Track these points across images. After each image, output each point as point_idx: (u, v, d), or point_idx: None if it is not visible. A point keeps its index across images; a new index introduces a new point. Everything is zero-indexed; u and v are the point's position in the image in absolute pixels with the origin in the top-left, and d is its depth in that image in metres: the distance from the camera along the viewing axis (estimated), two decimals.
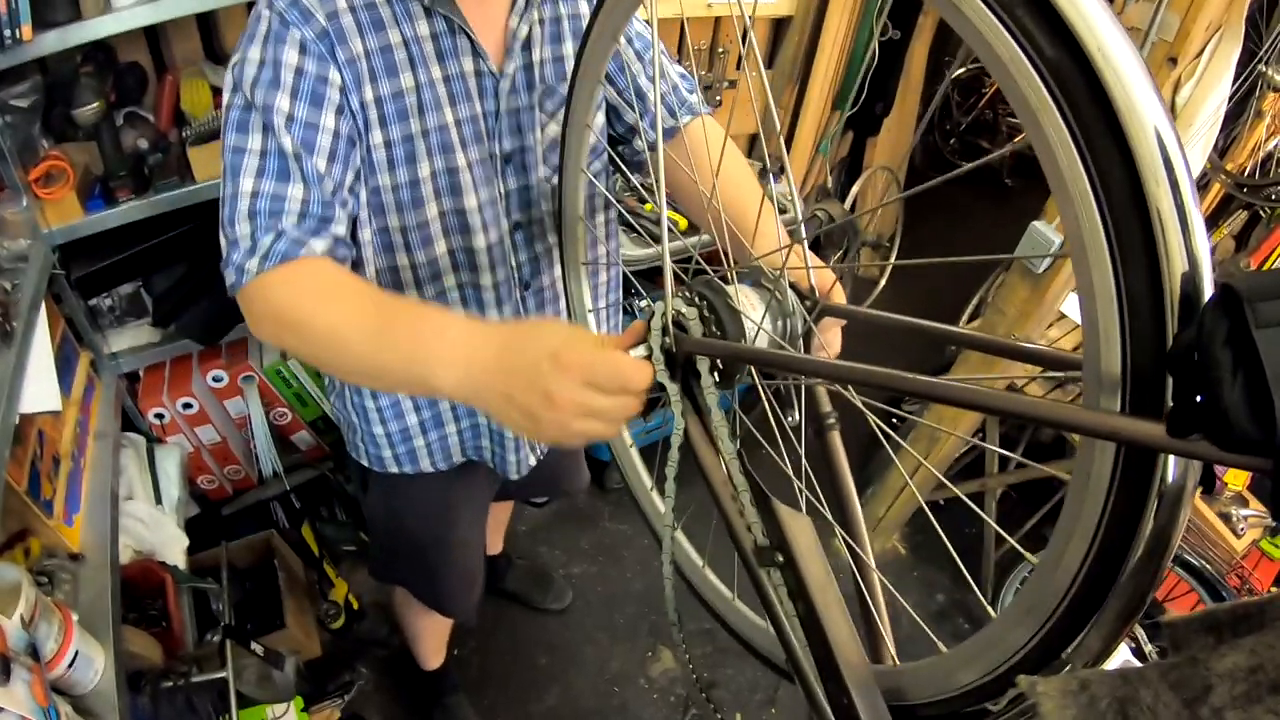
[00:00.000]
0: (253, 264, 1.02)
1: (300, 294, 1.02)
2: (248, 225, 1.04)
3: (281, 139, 1.05)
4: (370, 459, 1.53)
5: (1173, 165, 0.52)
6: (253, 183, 1.05)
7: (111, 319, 2.13)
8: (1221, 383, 0.44)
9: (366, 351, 0.96)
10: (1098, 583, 0.60)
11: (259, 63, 1.06)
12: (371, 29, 1.10)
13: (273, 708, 1.95)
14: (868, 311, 0.91)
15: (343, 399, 1.49)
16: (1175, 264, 0.53)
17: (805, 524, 0.80)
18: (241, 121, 1.06)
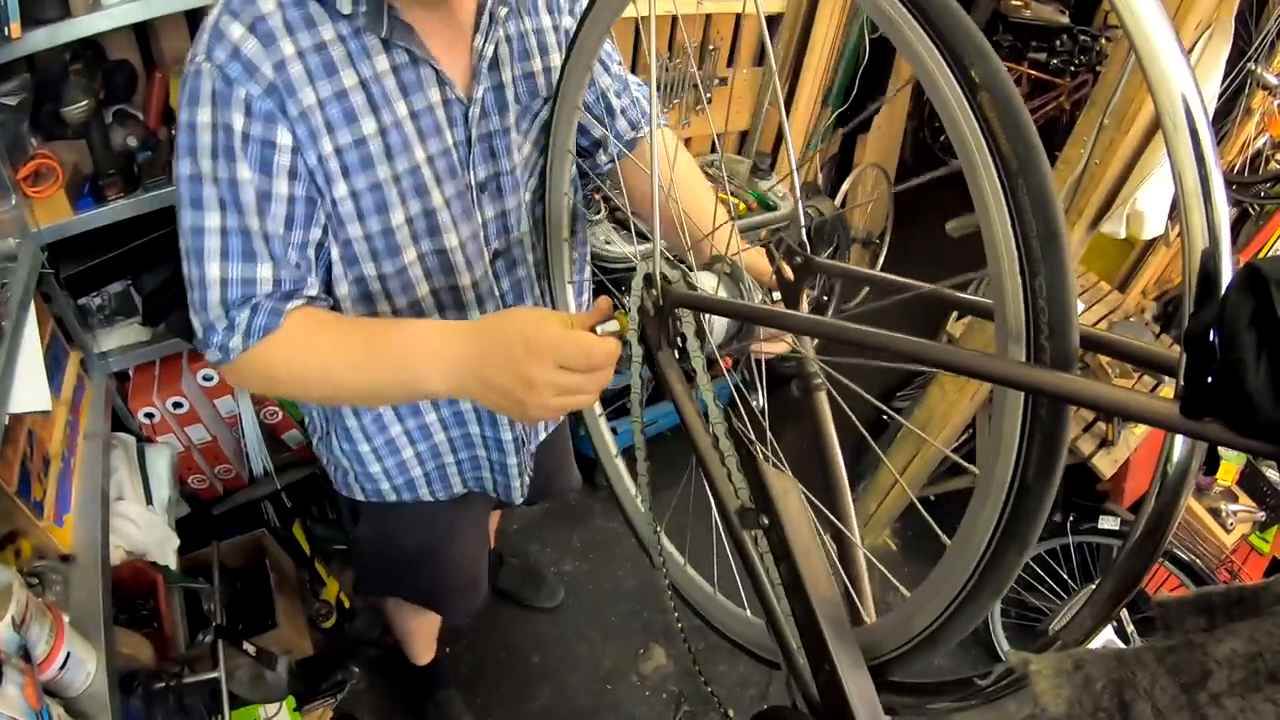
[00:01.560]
0: (236, 342, 1.01)
1: (288, 353, 1.03)
2: (221, 310, 1.01)
3: (239, 214, 0.99)
4: (367, 493, 1.48)
5: (1200, 137, 0.52)
6: (219, 268, 1.00)
7: (101, 318, 2.12)
8: (1245, 365, 0.43)
9: (359, 380, 1.02)
10: (1021, 505, 0.61)
11: (209, 127, 0.97)
12: (324, 74, 1.01)
13: (265, 708, 1.95)
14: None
15: (329, 446, 1.43)
16: (1196, 241, 0.53)
17: (791, 485, 0.80)
18: (195, 198, 1.00)
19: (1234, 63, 2.58)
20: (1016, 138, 0.55)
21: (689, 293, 0.91)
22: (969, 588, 0.66)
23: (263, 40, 0.96)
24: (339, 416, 1.37)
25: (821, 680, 0.76)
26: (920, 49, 0.58)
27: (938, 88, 0.58)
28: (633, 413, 1.05)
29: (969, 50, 0.56)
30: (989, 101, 0.55)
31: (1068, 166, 1.89)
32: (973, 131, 0.56)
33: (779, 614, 0.84)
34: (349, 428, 1.37)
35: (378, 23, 1.01)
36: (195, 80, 0.97)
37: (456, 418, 1.40)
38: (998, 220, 0.56)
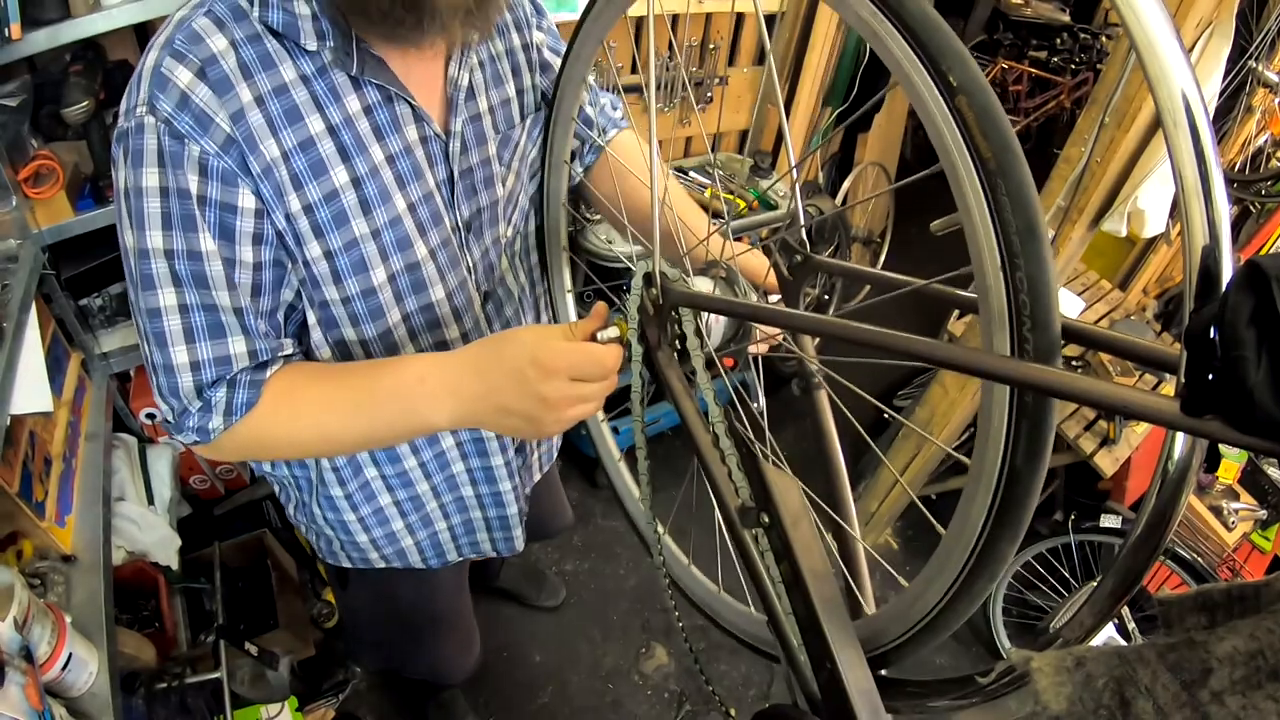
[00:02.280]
0: (217, 423, 0.93)
1: (275, 420, 0.95)
2: (194, 393, 0.92)
3: (202, 290, 0.89)
4: (354, 561, 1.40)
5: (1200, 135, 0.52)
6: (186, 352, 0.90)
7: (102, 319, 2.12)
8: (1245, 362, 0.43)
9: (357, 432, 0.96)
10: (1012, 493, 0.61)
11: (159, 192, 0.85)
12: (286, 122, 0.89)
13: (267, 708, 1.95)
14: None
15: (310, 515, 1.33)
16: (1196, 238, 0.53)
17: (792, 484, 0.80)
18: (147, 276, 0.87)
19: (1235, 61, 2.58)
20: (994, 139, 0.56)
21: (689, 292, 0.91)
22: (965, 574, 0.66)
23: (215, 88, 0.85)
24: (322, 486, 1.26)
25: (823, 678, 0.76)
26: (900, 55, 0.60)
27: (918, 93, 0.59)
28: (633, 412, 1.05)
29: (947, 55, 0.58)
30: (967, 104, 0.56)
31: (1068, 165, 1.89)
32: (952, 134, 0.57)
33: (780, 612, 0.84)
34: (333, 497, 1.27)
35: (346, 59, 0.91)
36: (137, 138, 0.84)
37: (449, 482, 1.32)
38: (979, 218, 0.57)
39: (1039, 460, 0.60)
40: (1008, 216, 0.55)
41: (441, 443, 1.26)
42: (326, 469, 1.23)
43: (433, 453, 1.27)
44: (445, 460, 1.29)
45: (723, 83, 2.91)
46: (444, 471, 1.30)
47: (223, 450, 0.98)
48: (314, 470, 1.24)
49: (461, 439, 1.28)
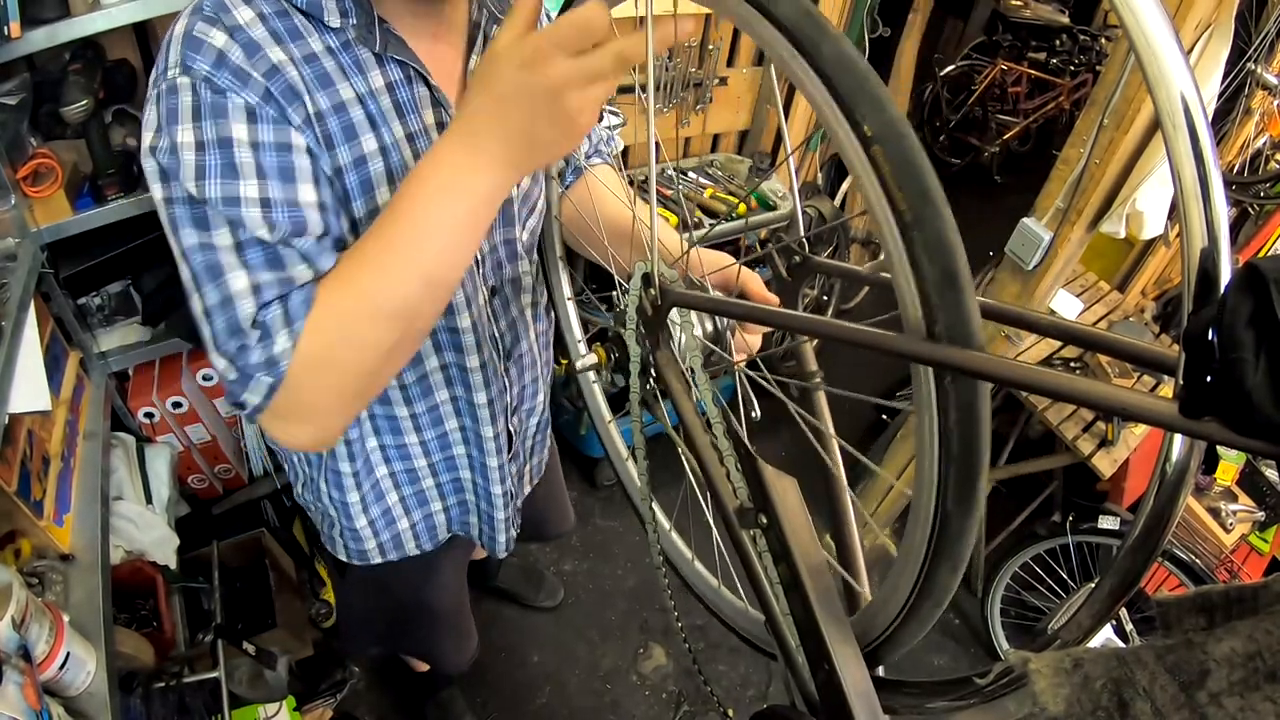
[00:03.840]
0: (283, 342, 0.82)
1: (338, 310, 0.84)
2: (251, 321, 0.83)
3: (258, 230, 0.84)
4: (350, 554, 1.42)
5: (1198, 137, 0.52)
6: (246, 277, 0.83)
7: (100, 318, 2.12)
8: (1244, 364, 0.43)
9: (422, 259, 0.83)
10: (960, 475, 0.60)
11: (196, 146, 0.83)
12: (319, 85, 0.90)
13: (265, 707, 1.95)
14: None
15: (317, 493, 1.33)
16: (1195, 240, 0.53)
17: (790, 485, 0.80)
18: (198, 217, 0.83)
19: (1234, 63, 2.58)
20: (910, 189, 0.54)
21: (687, 292, 0.91)
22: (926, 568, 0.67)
23: (247, 49, 0.85)
24: (332, 460, 1.26)
25: (820, 679, 0.76)
26: (820, 101, 0.58)
27: (839, 141, 0.58)
28: (633, 413, 1.05)
29: (862, 103, 0.56)
30: (882, 155, 0.55)
31: (1067, 166, 1.89)
32: (871, 184, 0.56)
33: (778, 613, 0.84)
34: (340, 472, 1.27)
35: (369, 36, 0.93)
36: (170, 98, 0.83)
37: (448, 463, 1.34)
38: (899, 267, 0.56)
39: (971, 502, 0.60)
40: (924, 268, 0.54)
41: (445, 424, 1.28)
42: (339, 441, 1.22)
43: (435, 433, 1.29)
44: (447, 441, 1.31)
45: (722, 83, 2.91)
46: (443, 451, 1.32)
47: (299, 382, 0.83)
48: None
49: (465, 424, 1.29)
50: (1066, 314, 2.98)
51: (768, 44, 0.61)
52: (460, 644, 1.84)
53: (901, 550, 0.67)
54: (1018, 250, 2.05)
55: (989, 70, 5.24)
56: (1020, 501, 3.15)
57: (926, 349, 0.56)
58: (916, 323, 0.56)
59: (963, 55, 5.36)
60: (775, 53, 0.61)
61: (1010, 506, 3.17)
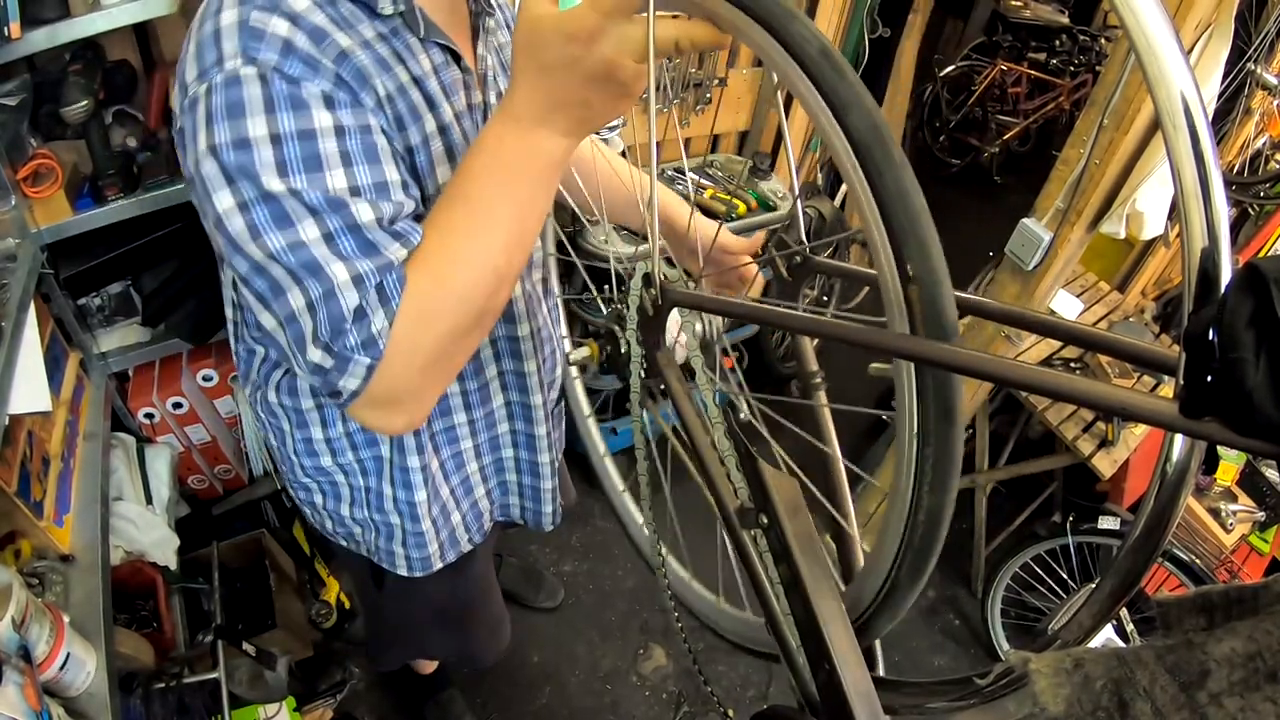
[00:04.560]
0: (379, 321, 0.81)
1: (428, 280, 0.83)
2: (353, 314, 0.80)
3: (351, 219, 0.81)
4: (414, 564, 1.39)
5: (1199, 137, 0.52)
6: (345, 269, 0.80)
7: (101, 318, 2.12)
8: (1244, 364, 0.43)
9: (502, 219, 0.84)
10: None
11: (273, 140, 0.79)
12: (381, 69, 0.90)
13: (265, 708, 1.95)
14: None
15: (379, 503, 1.30)
16: (1195, 240, 0.53)
17: (790, 485, 0.80)
18: (279, 215, 0.79)
19: (1233, 63, 2.58)
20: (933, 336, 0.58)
21: (688, 292, 0.91)
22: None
23: (312, 36, 0.83)
24: (400, 454, 1.24)
25: (821, 679, 0.76)
26: (870, 223, 0.60)
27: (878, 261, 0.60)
28: (632, 412, 1.05)
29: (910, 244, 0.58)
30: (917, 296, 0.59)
31: (1067, 166, 1.90)
32: (899, 314, 0.60)
33: (778, 613, 0.84)
34: (409, 469, 1.24)
35: (415, 22, 0.94)
36: (231, 90, 0.79)
37: (491, 443, 1.36)
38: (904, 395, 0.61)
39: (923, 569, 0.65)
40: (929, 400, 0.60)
41: (493, 401, 1.30)
42: (408, 438, 1.22)
43: (483, 411, 1.30)
44: (493, 419, 1.33)
45: (722, 84, 2.91)
46: (489, 431, 1.34)
47: (398, 353, 0.82)
48: (388, 445, 1.23)
49: (511, 398, 1.32)
50: (1066, 314, 2.98)
51: (832, 146, 0.62)
52: (496, 632, 1.84)
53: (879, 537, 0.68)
54: (1018, 250, 2.06)
55: (989, 71, 5.24)
56: (1020, 502, 3.15)
57: (915, 345, 0.57)
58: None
59: (963, 56, 5.36)
60: (837, 158, 0.62)
61: (1010, 507, 3.17)
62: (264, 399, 1.23)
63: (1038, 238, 1.98)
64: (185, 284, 2.06)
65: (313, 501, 1.35)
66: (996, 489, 3.07)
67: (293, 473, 1.31)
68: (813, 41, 0.62)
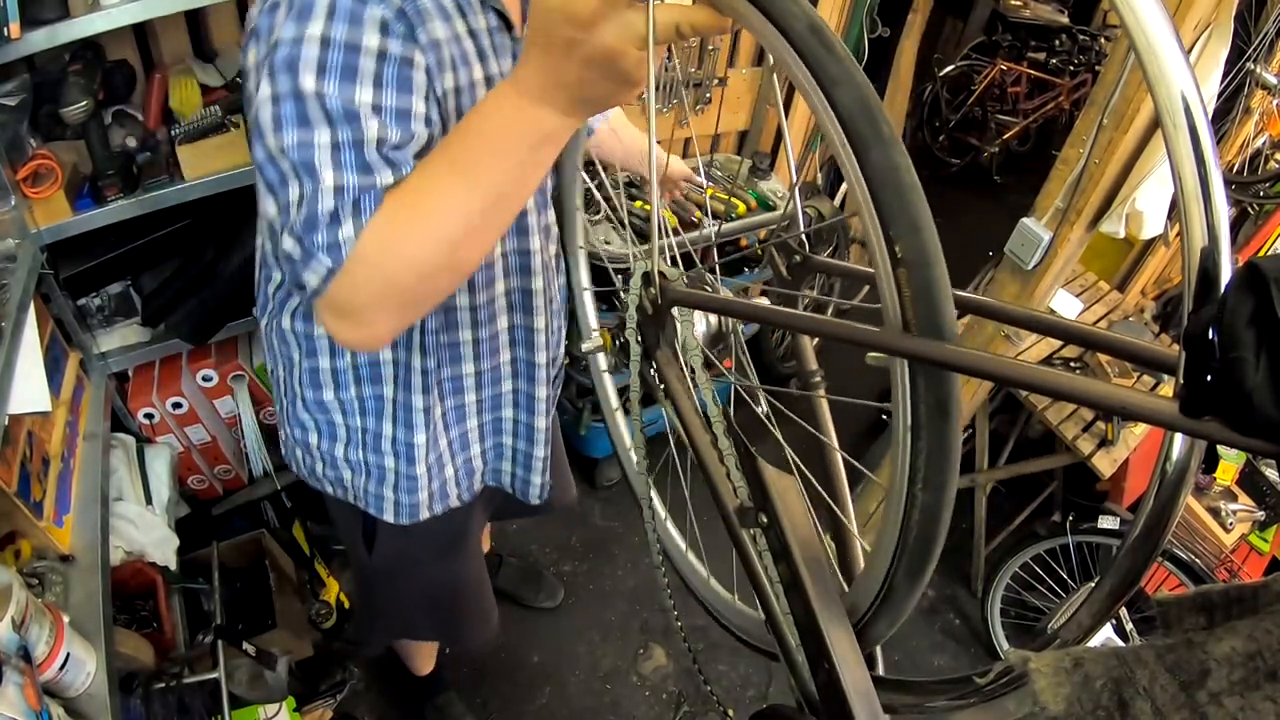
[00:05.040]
0: (348, 229, 0.86)
1: (403, 213, 0.87)
2: (329, 216, 0.86)
3: (360, 134, 0.88)
4: (401, 510, 1.41)
5: (1199, 136, 0.52)
6: (334, 177, 0.87)
7: (100, 319, 2.12)
8: (1245, 364, 0.43)
9: (488, 178, 0.85)
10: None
11: (321, 42, 0.87)
12: (441, 16, 0.99)
13: (265, 708, 1.95)
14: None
15: (376, 444, 1.34)
16: (1195, 240, 0.53)
17: (791, 484, 0.80)
18: (302, 115, 0.87)
19: (1233, 62, 2.58)
20: (925, 319, 0.58)
21: (687, 291, 0.91)
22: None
23: None
24: (407, 393, 1.28)
25: (820, 679, 0.76)
26: (861, 202, 0.59)
27: (869, 240, 0.60)
28: (633, 412, 1.05)
29: (900, 222, 0.58)
30: (906, 279, 0.58)
31: (1067, 166, 1.89)
32: (891, 295, 0.59)
33: (778, 612, 0.84)
34: (413, 408, 1.29)
35: None
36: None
37: (494, 400, 1.40)
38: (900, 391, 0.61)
39: (921, 576, 0.64)
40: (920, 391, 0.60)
41: (500, 356, 1.34)
42: (415, 370, 1.26)
43: (490, 363, 1.34)
44: (498, 375, 1.37)
45: (722, 84, 2.91)
46: (494, 388, 1.38)
47: (358, 268, 0.86)
48: (392, 385, 1.28)
49: (518, 354, 1.36)
50: (1066, 314, 2.98)
51: (822, 124, 0.61)
52: (484, 618, 1.83)
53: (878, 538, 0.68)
54: (1017, 250, 2.05)
55: (988, 70, 5.24)
56: (1020, 501, 3.15)
57: (909, 343, 0.57)
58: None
59: (962, 55, 5.36)
60: (827, 135, 0.61)
61: (1010, 506, 3.17)
62: (278, 326, 1.29)
63: (1037, 237, 1.98)
64: (185, 284, 2.06)
65: (307, 442, 1.39)
66: (996, 488, 3.07)
67: (294, 407, 1.35)
68: (801, 18, 0.61)
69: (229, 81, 2.00)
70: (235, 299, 2.08)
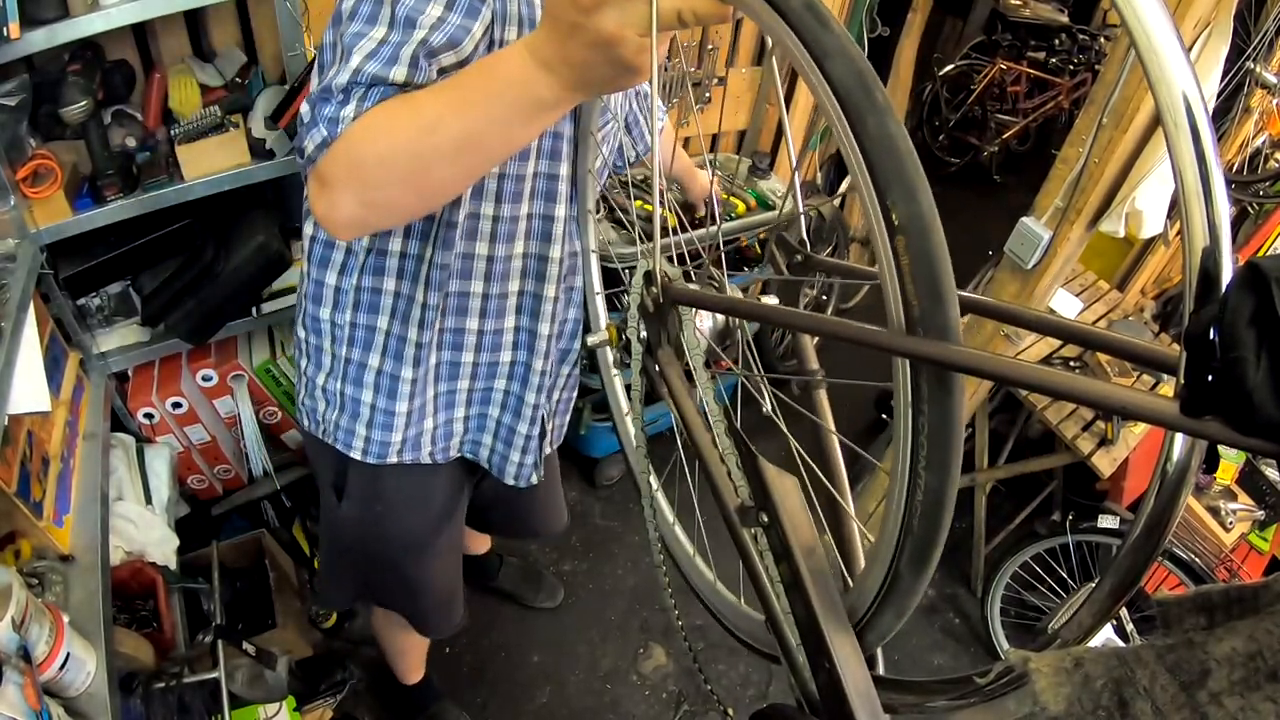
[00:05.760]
0: (348, 110, 0.94)
1: (397, 113, 0.93)
2: (343, 90, 0.96)
3: (416, 35, 0.97)
4: (371, 447, 1.42)
5: (1200, 135, 0.52)
6: (361, 61, 0.96)
7: (100, 318, 2.12)
8: (1245, 363, 0.42)
9: (472, 115, 0.90)
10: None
11: None
12: None
13: (265, 708, 1.95)
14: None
15: (358, 376, 1.37)
16: (1196, 239, 0.53)
17: (792, 484, 0.80)
18: (372, 13, 0.99)
19: (1233, 62, 2.58)
20: (923, 288, 0.56)
21: (689, 290, 0.91)
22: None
23: None
24: (404, 326, 1.31)
25: (821, 679, 0.76)
26: (855, 170, 0.59)
27: (866, 212, 0.59)
28: (634, 410, 1.05)
29: (896, 189, 0.57)
30: (904, 246, 0.56)
31: (1066, 165, 1.90)
32: (889, 269, 0.58)
33: (779, 612, 0.84)
34: (406, 339, 1.32)
35: None
36: None
37: (490, 368, 1.40)
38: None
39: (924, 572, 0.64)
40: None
41: (505, 319, 1.36)
42: (416, 303, 1.30)
43: (493, 327, 1.37)
44: (499, 342, 1.39)
45: (721, 83, 2.91)
46: (493, 354, 1.39)
47: (338, 156, 0.94)
48: (389, 316, 1.31)
49: (522, 323, 1.37)
50: (1066, 313, 2.98)
51: (818, 98, 0.61)
52: (448, 605, 1.82)
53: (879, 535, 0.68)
54: (1017, 250, 2.05)
55: (988, 69, 5.24)
56: (1020, 501, 3.16)
57: (911, 344, 0.57)
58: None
59: (962, 55, 5.36)
60: (823, 109, 0.61)
61: (1010, 506, 3.17)
62: (305, 231, 1.35)
63: (1037, 236, 1.98)
64: (184, 284, 2.06)
65: (300, 365, 1.45)
66: (996, 488, 3.07)
67: (298, 325, 1.41)
68: None
69: (229, 81, 2.00)
70: (235, 299, 2.08)
